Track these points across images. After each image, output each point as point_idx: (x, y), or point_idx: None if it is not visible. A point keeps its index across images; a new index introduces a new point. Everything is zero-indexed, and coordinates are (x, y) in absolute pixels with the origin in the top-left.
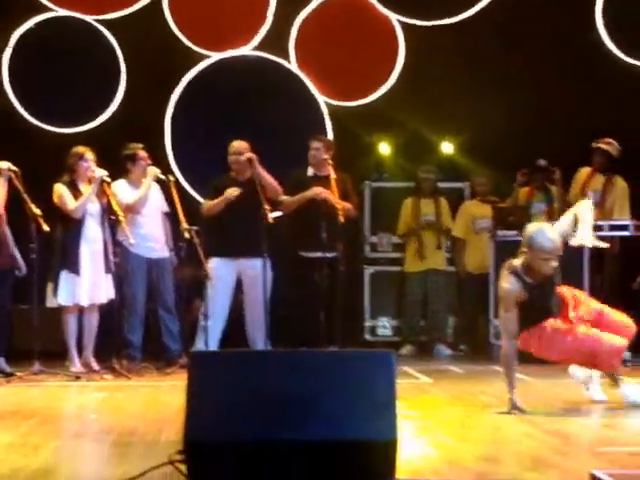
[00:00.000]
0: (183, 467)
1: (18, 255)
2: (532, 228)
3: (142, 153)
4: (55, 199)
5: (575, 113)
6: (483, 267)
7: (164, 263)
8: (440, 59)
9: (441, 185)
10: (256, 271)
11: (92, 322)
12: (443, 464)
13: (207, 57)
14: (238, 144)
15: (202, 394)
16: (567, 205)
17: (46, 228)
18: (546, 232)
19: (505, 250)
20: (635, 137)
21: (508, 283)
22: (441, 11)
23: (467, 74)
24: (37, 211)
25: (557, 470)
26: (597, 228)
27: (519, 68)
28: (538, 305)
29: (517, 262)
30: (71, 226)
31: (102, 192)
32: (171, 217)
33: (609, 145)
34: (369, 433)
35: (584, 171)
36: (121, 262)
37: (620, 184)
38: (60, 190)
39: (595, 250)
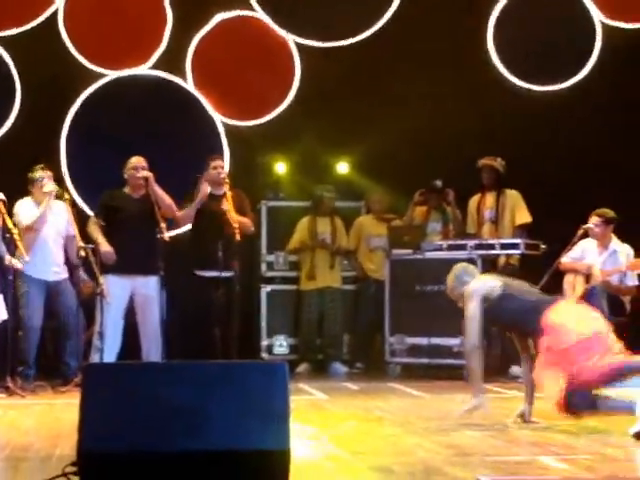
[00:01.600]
0: (76, 479)
1: None
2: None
3: (39, 174)
4: None
5: (468, 134)
6: (380, 275)
7: (63, 284)
8: (336, 79)
9: (337, 204)
10: (150, 289)
11: None
12: (337, 475)
13: (104, 76)
14: (136, 160)
15: (95, 406)
16: (462, 229)
17: None
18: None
19: (400, 268)
20: (524, 156)
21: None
22: (337, 32)
23: (363, 95)
24: None
25: (447, 478)
26: (489, 247)
27: (413, 89)
28: None
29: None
30: None
31: None
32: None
33: (493, 161)
34: (261, 443)
35: (475, 197)
36: (17, 283)
37: (511, 193)
38: None
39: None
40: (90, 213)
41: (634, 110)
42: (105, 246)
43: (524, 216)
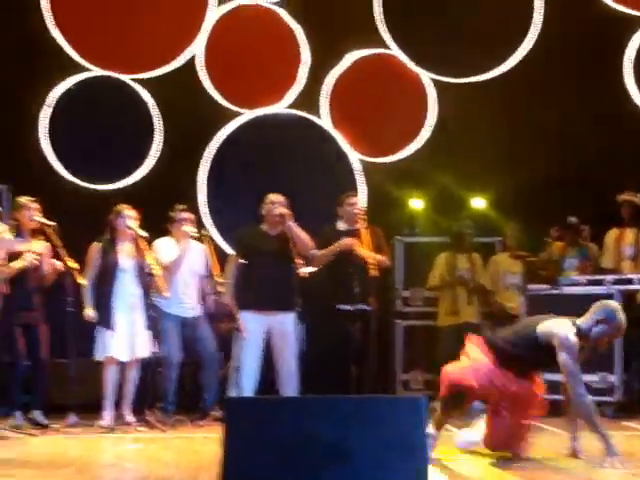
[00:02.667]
0: None
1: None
2: (617, 305)
3: (180, 215)
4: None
5: (603, 169)
6: (517, 311)
7: (199, 320)
8: (471, 115)
9: (473, 240)
10: (287, 325)
11: (132, 376)
12: None
13: (240, 115)
14: (274, 197)
15: (237, 438)
16: (598, 264)
17: (82, 282)
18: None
19: (537, 303)
20: None
21: (572, 335)
22: (472, 68)
23: (499, 129)
24: (73, 265)
25: None
26: (628, 282)
27: (550, 123)
28: None
29: (581, 322)
30: (104, 283)
31: (138, 248)
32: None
33: (634, 196)
34: (400, 477)
35: (612, 232)
36: (155, 319)
37: None
38: (91, 251)
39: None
40: (229, 251)
41: None
42: (226, 297)
43: None
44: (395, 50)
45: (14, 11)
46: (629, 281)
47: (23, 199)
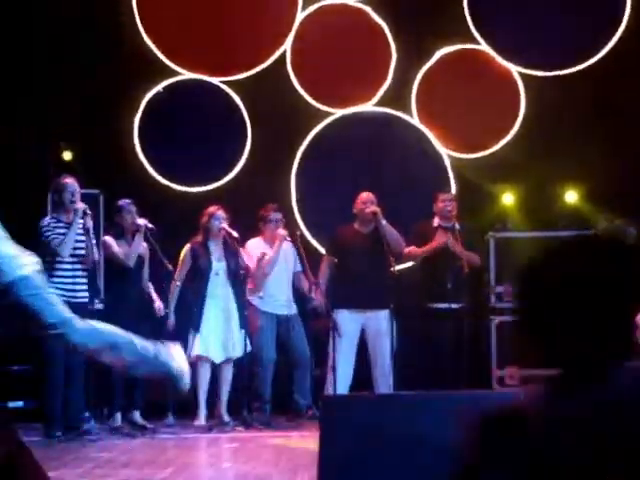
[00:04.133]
0: None
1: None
2: None
3: (272, 215)
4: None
5: None
6: None
7: (293, 319)
8: (560, 108)
9: (565, 234)
10: (381, 323)
11: (226, 376)
12: None
13: (330, 114)
14: (366, 195)
15: (334, 438)
16: None
17: (178, 284)
18: None
19: None
20: None
21: None
22: (561, 61)
23: (589, 122)
24: (170, 267)
25: None
26: None
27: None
28: None
29: None
30: (195, 285)
31: (231, 249)
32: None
33: None
34: None
35: None
36: (250, 319)
37: None
38: (183, 254)
39: None
40: (320, 249)
41: None
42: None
43: None
44: (484, 45)
45: (105, 17)
46: None
47: (123, 202)
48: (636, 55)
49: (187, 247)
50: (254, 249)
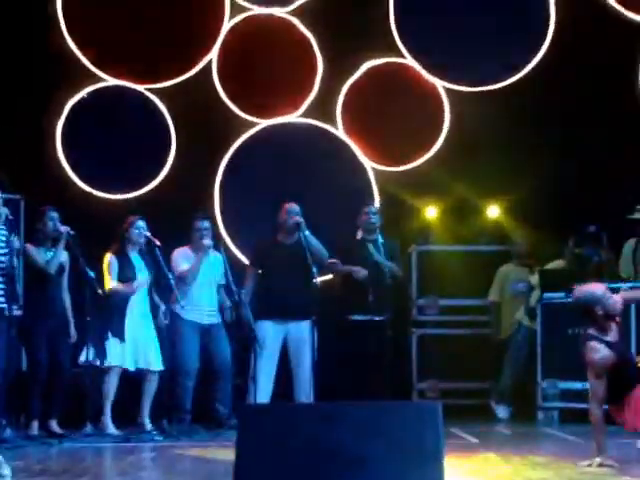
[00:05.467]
0: None
1: (72, 321)
2: (587, 289)
3: (198, 224)
4: (103, 268)
5: (618, 178)
6: (526, 320)
7: (216, 329)
8: (484, 123)
9: (487, 248)
10: (303, 334)
11: (150, 386)
12: None
13: (255, 124)
14: (290, 206)
15: (251, 446)
16: (615, 273)
17: (100, 292)
18: (597, 286)
19: (552, 312)
20: None
21: (597, 351)
22: (485, 77)
23: (512, 137)
24: (92, 274)
25: None
26: None
27: (564, 133)
28: (629, 365)
29: (590, 329)
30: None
31: (154, 258)
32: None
33: None
34: None
35: (630, 242)
36: (173, 327)
37: None
38: (107, 261)
39: None
40: (244, 260)
41: None
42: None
43: None
44: (410, 59)
45: (29, 23)
46: None
47: (46, 208)
48: (558, 71)
49: (110, 256)
50: (179, 258)
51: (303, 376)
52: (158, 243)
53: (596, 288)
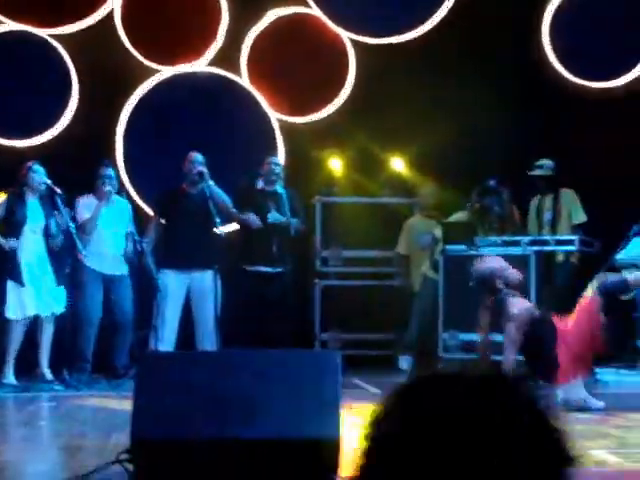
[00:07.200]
0: (130, 466)
1: None
2: (485, 265)
3: (100, 171)
4: None
5: (522, 132)
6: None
7: (119, 279)
8: (391, 76)
9: (391, 200)
10: (206, 283)
11: (47, 333)
12: None
13: (159, 72)
14: (193, 156)
15: (149, 394)
16: (517, 226)
17: None
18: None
19: (454, 264)
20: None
21: (517, 304)
22: (392, 29)
23: (418, 91)
24: None
25: None
26: (544, 243)
27: (469, 86)
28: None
29: (502, 289)
30: (10, 237)
31: (50, 204)
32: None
33: (540, 169)
34: (313, 431)
35: (535, 200)
36: (75, 275)
37: (566, 194)
38: None
39: (544, 260)
40: (147, 210)
41: None
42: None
43: (580, 216)
44: (315, 9)
45: None
46: (545, 242)
47: None
48: (462, 24)
49: (2, 197)
50: (82, 206)
51: (206, 326)
52: (58, 191)
53: (493, 262)
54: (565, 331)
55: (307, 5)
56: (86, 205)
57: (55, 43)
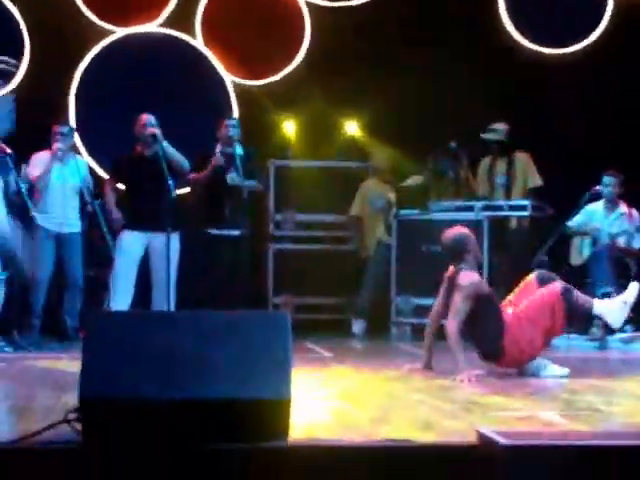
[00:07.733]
0: (79, 425)
1: None
2: (454, 234)
3: (54, 128)
4: None
5: (477, 96)
6: (384, 236)
7: (72, 238)
8: (346, 39)
9: (345, 164)
10: (161, 245)
11: None
12: (336, 426)
13: (112, 33)
14: (146, 117)
15: (98, 352)
16: (472, 191)
17: None
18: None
19: (407, 228)
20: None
21: (470, 277)
22: None
23: (373, 55)
24: None
25: (446, 430)
26: (497, 208)
27: (423, 51)
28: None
29: (464, 265)
30: None
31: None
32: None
33: (493, 133)
34: (263, 392)
35: (485, 162)
36: (28, 234)
37: (521, 157)
38: None
39: (497, 225)
40: (100, 172)
41: None
42: (115, 213)
43: (535, 180)
44: None
45: None
46: (498, 208)
47: None
48: None
49: None
50: (35, 163)
51: (162, 287)
52: (9, 151)
53: (461, 232)
54: (516, 318)
55: None
56: (39, 161)
57: (6, 2)
